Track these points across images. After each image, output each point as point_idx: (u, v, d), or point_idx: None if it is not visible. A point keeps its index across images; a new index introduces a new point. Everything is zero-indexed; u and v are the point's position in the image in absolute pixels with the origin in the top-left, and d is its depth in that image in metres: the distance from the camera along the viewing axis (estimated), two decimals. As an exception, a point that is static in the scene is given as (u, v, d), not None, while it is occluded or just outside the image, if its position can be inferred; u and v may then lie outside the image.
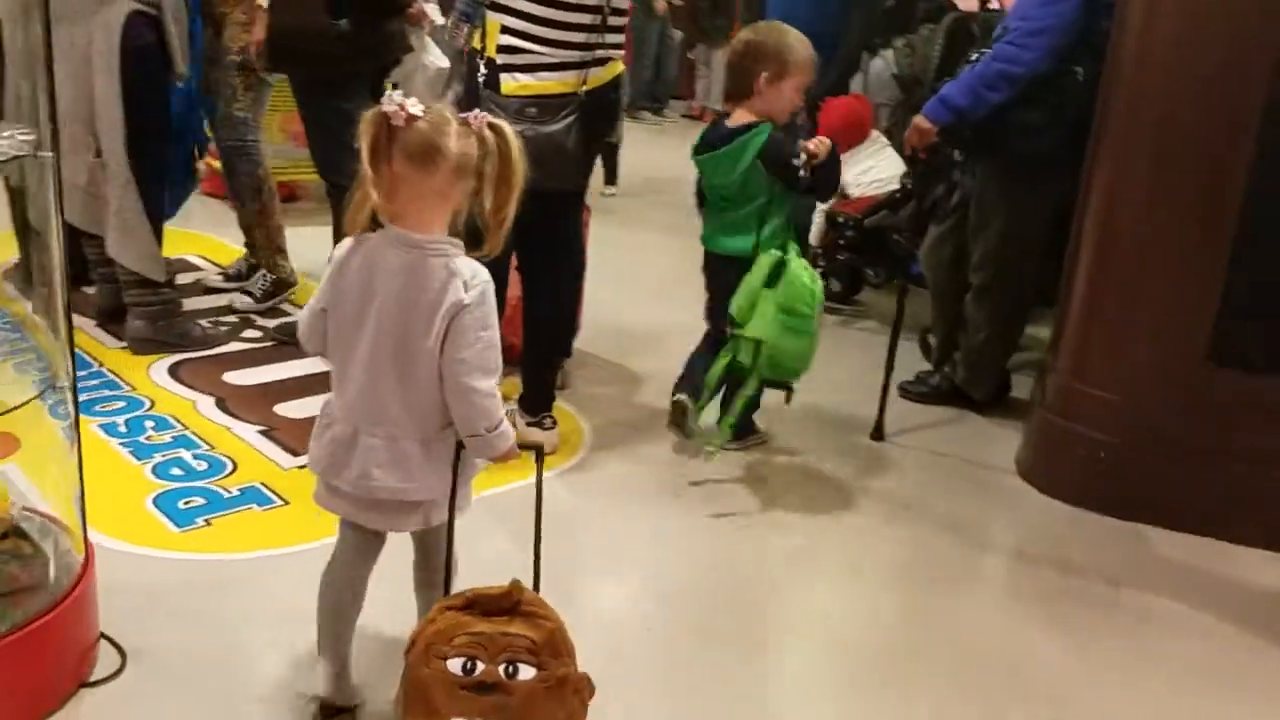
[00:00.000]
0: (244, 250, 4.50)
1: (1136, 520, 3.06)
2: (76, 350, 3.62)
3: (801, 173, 2.97)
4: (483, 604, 1.80)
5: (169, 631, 2.27)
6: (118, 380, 3.47)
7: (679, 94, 10.48)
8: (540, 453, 2.02)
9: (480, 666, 1.73)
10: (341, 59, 3.56)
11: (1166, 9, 2.89)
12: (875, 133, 4.71)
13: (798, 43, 3.14)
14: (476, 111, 2.00)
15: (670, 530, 2.91)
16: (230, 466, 2.98)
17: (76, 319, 3.89)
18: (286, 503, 2.82)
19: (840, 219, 4.57)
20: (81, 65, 3.45)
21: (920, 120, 3.36)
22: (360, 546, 2.05)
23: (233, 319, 4.08)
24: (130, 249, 3.58)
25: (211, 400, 3.38)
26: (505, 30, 2.80)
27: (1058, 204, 3.36)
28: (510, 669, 1.73)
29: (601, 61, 2.89)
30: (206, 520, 2.70)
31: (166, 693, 2.12)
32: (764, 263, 2.99)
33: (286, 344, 3.86)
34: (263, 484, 2.89)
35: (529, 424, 3.20)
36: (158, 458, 2.99)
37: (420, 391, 1.90)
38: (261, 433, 3.19)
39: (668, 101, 10.28)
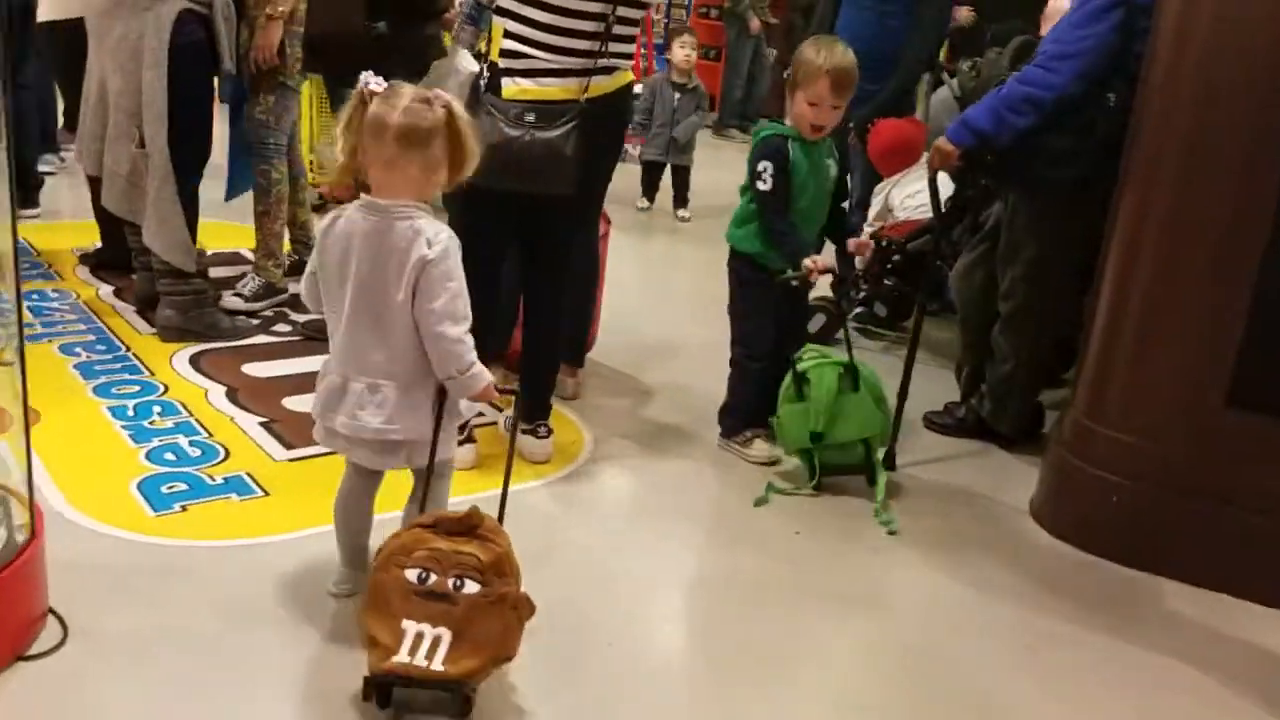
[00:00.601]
0: (287, 245, 4.60)
1: (1145, 569, 2.89)
2: (109, 335, 3.80)
3: (760, 186, 3.14)
4: (445, 525, 2.05)
5: (119, 612, 2.31)
6: (139, 365, 3.56)
7: (768, 113, 10.39)
8: (519, 398, 2.38)
9: (433, 578, 1.96)
10: (377, 62, 3.58)
11: (1196, 30, 2.73)
12: (927, 155, 4.57)
13: (816, 56, 3.11)
14: (436, 91, 2.19)
15: (651, 549, 2.85)
16: (222, 454, 3.02)
17: (117, 304, 4.08)
18: (267, 494, 2.84)
19: (884, 242, 4.45)
20: (131, 58, 3.56)
21: (942, 142, 3.25)
22: (360, 479, 2.36)
23: (267, 312, 4.15)
24: (163, 239, 3.68)
25: (223, 390, 3.44)
26: (508, 35, 2.80)
27: (1090, 233, 3.20)
28: (458, 582, 1.96)
29: (607, 71, 2.86)
30: (183, 506, 2.74)
31: (101, 672, 2.14)
32: (830, 376, 3.11)
33: (314, 339, 3.92)
34: (249, 474, 2.92)
35: (524, 431, 3.18)
36: (155, 442, 3.05)
37: (396, 341, 2.16)
38: (263, 424, 3.23)
39: (756, 120, 10.19)
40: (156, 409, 3.25)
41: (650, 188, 6.76)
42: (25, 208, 5.08)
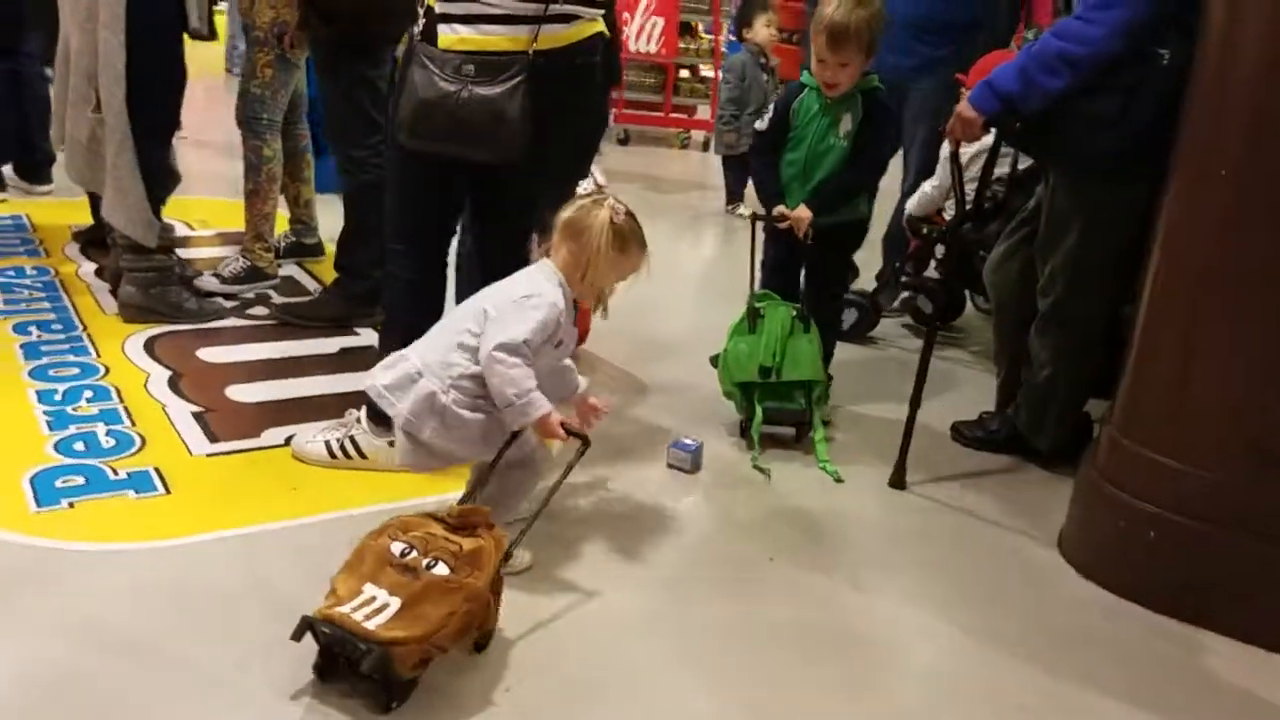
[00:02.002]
0: (288, 224, 4.34)
1: (1183, 619, 2.40)
2: (71, 314, 3.57)
3: (757, 125, 3.32)
4: (452, 518, 2.09)
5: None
6: (89, 347, 3.32)
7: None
8: (585, 443, 2.28)
9: (413, 554, 1.98)
10: (371, 21, 3.30)
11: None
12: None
13: (823, 9, 3.02)
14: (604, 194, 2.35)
15: (599, 568, 2.45)
16: (137, 445, 2.74)
17: (94, 283, 3.86)
18: (168, 493, 2.55)
19: (926, 230, 3.97)
20: (89, 17, 3.33)
21: (964, 108, 2.77)
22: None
23: (248, 294, 3.88)
24: (122, 211, 3.43)
25: (167, 375, 3.17)
26: None
27: (1141, 217, 2.70)
28: (431, 562, 1.96)
29: (563, 19, 2.47)
30: (71, 503, 2.45)
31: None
32: (785, 316, 3.11)
33: (291, 325, 3.65)
34: (157, 469, 2.63)
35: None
36: (72, 430, 2.78)
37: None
38: (195, 414, 2.95)
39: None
40: (88, 394, 2.99)
41: (739, 185, 5.95)
42: (39, 184, 4.94)
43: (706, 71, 8.29)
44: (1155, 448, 2.46)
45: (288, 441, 2.78)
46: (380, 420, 2.70)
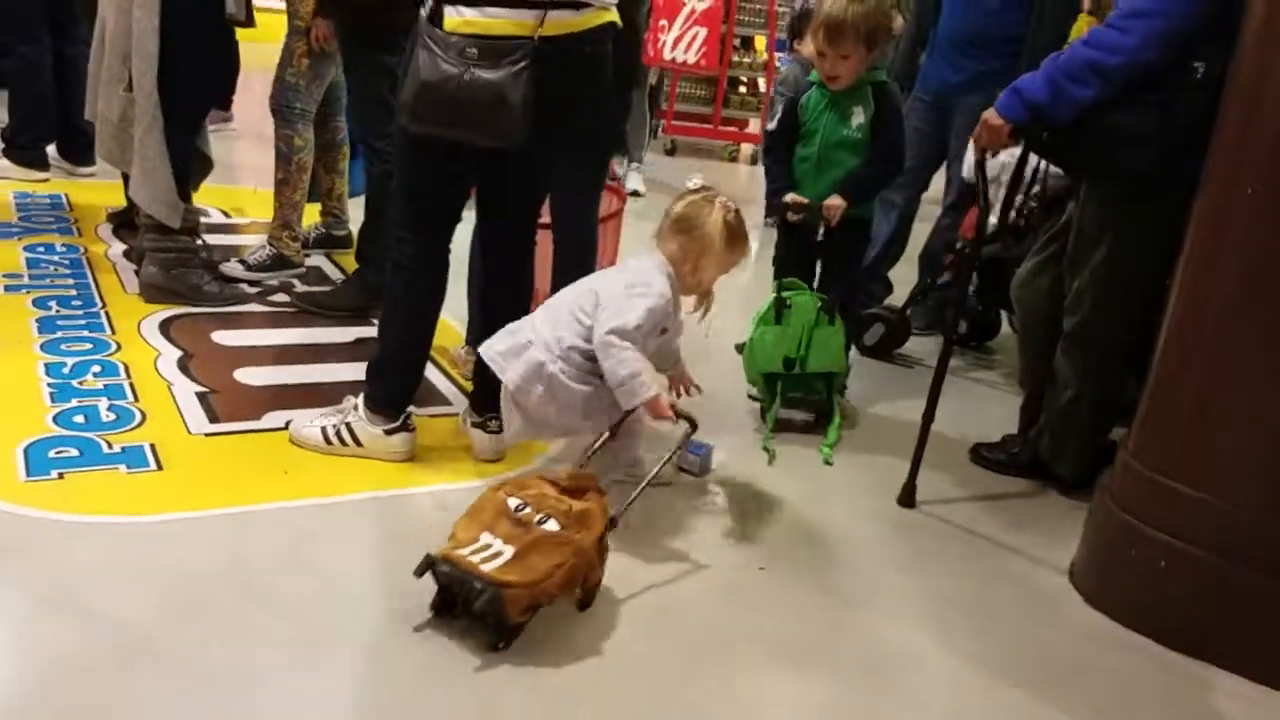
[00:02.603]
0: (319, 215, 4.35)
1: (1195, 656, 2.29)
2: (93, 292, 3.59)
3: (769, 124, 3.39)
4: (564, 480, 2.26)
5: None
6: (104, 323, 3.33)
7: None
8: (693, 425, 2.52)
9: (527, 510, 2.14)
10: (390, 9, 3.28)
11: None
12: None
13: (822, 4, 3.16)
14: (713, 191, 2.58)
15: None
16: (136, 421, 2.73)
17: (121, 263, 3.89)
18: (159, 469, 2.53)
19: (960, 244, 3.87)
20: (125, -3, 3.35)
21: (990, 115, 2.68)
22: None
23: (272, 281, 3.89)
24: (147, 191, 3.45)
25: (178, 355, 3.16)
26: None
27: (1173, 236, 2.58)
28: (543, 518, 2.12)
29: (574, 5, 2.42)
30: (61, 474, 2.45)
31: None
32: (809, 305, 3.15)
33: (310, 313, 3.64)
34: (152, 445, 2.62)
35: (474, 424, 2.79)
36: (74, 403, 2.78)
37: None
38: (200, 394, 2.94)
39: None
40: (95, 369, 3.00)
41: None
42: (83, 165, 5.00)
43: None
44: (1170, 474, 2.35)
45: (287, 425, 2.76)
46: (378, 408, 2.67)
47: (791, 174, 3.23)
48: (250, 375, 3.10)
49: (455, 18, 2.37)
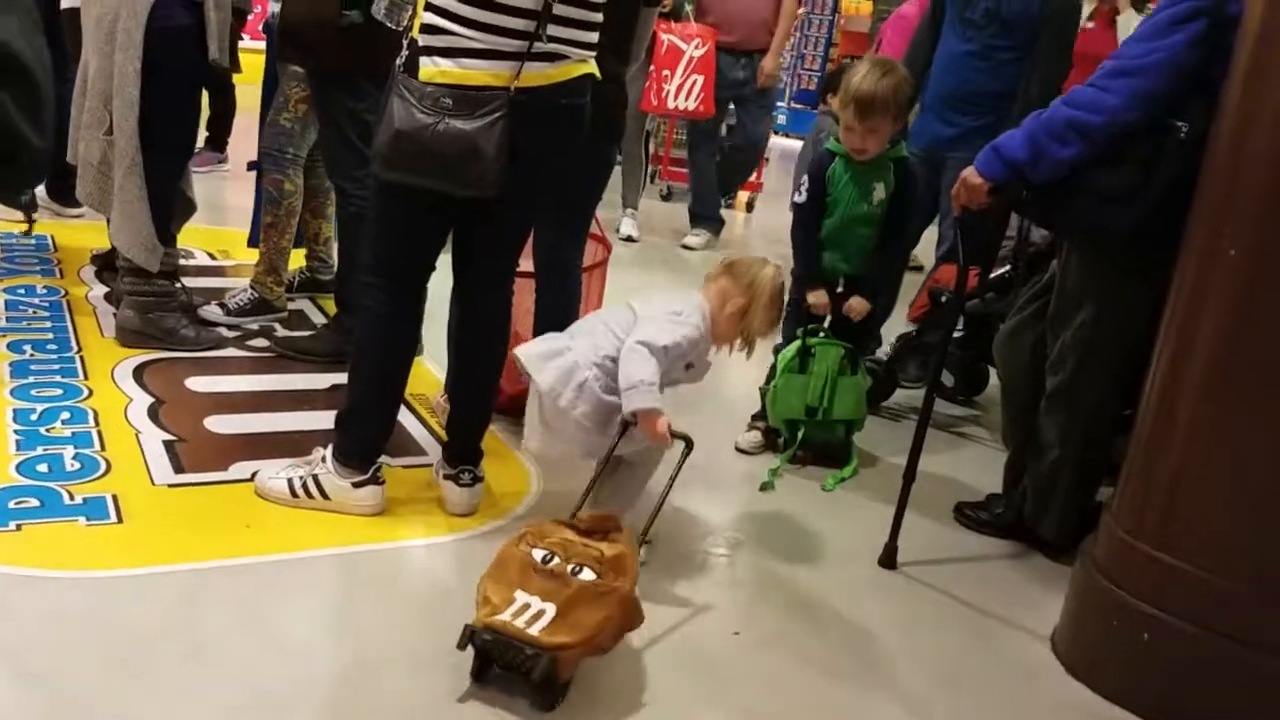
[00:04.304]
0: (305, 260, 4.32)
1: (1177, 734, 2.22)
2: (70, 335, 3.55)
3: (795, 198, 3.41)
4: (584, 524, 2.21)
5: None
6: (78, 368, 3.28)
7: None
8: (689, 444, 2.45)
9: (555, 560, 2.08)
10: (349, 54, 3.26)
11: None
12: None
13: (851, 79, 3.19)
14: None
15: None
16: (100, 471, 2.68)
17: (101, 306, 3.85)
18: (119, 521, 2.48)
19: (945, 297, 3.83)
20: (107, 40, 3.34)
21: (970, 173, 2.65)
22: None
23: (252, 325, 3.85)
24: (126, 234, 3.42)
25: (148, 403, 3.11)
26: (429, 7, 2.35)
27: (1159, 296, 2.53)
28: (576, 568, 2.06)
29: (549, 58, 2.39)
30: (18, 525, 2.39)
31: None
32: (832, 355, 3.28)
33: (289, 358, 3.60)
34: (114, 496, 2.57)
35: (446, 476, 2.73)
36: (39, 450, 2.73)
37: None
38: (167, 443, 2.89)
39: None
40: (65, 415, 2.95)
41: None
42: (70, 206, 4.97)
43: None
44: (1154, 544, 2.28)
45: (253, 477, 2.70)
46: (346, 460, 2.61)
47: (818, 257, 3.36)
48: (221, 423, 3.05)
49: (431, 68, 2.34)
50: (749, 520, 2.95)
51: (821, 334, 3.33)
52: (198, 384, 3.31)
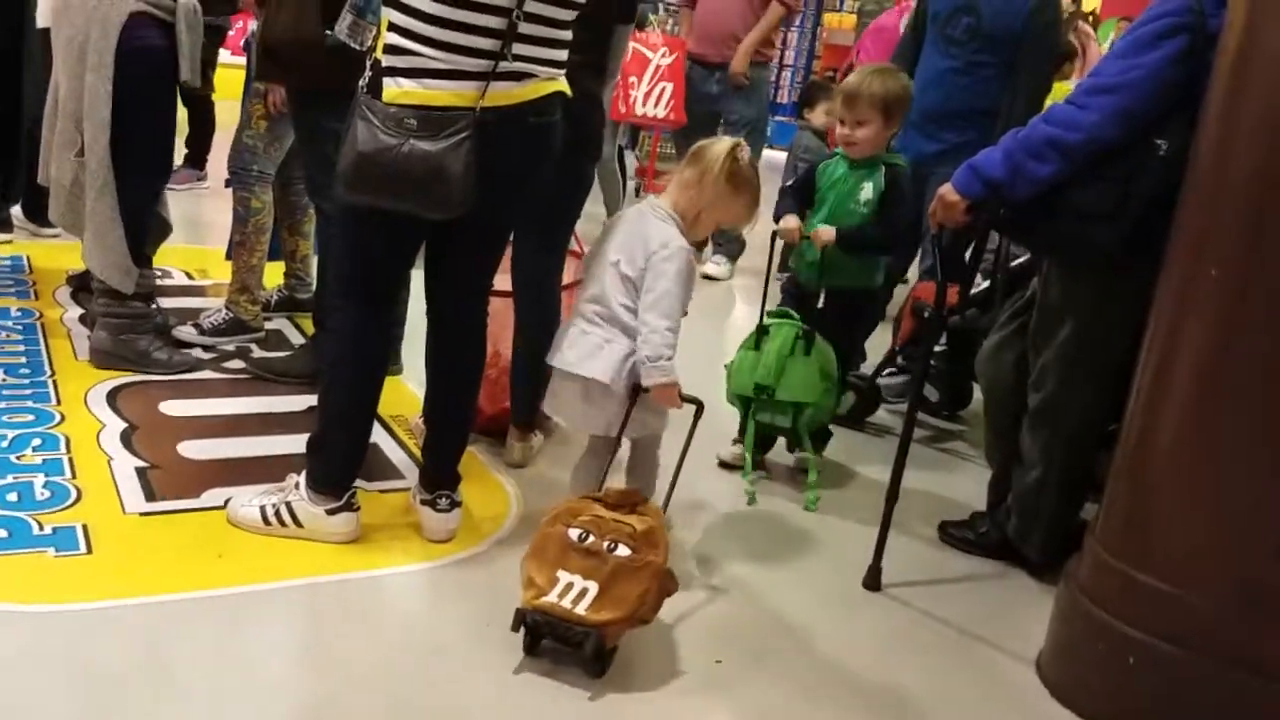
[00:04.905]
0: (283, 278, 4.28)
1: (1164, 759, 2.19)
2: (43, 358, 3.50)
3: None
4: (611, 498, 2.32)
5: None
6: (50, 393, 3.23)
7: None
8: (699, 408, 2.55)
9: (591, 538, 2.21)
10: (331, 73, 3.22)
11: (1262, 58, 2.08)
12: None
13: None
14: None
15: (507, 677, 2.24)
16: (71, 499, 2.63)
17: (76, 329, 3.80)
18: (89, 552, 2.43)
19: (927, 313, 3.80)
20: (78, 61, 3.31)
21: (947, 191, 2.63)
22: (590, 457, 2.70)
23: (228, 346, 3.80)
24: (99, 256, 3.38)
25: (121, 428, 3.07)
26: (392, 27, 2.32)
27: (1141, 312, 2.50)
28: (612, 545, 2.20)
29: (515, 77, 2.35)
30: (-15, 557, 2.35)
31: None
32: (788, 334, 3.20)
33: (264, 379, 3.56)
34: (85, 526, 2.52)
35: (423, 502, 2.69)
36: (9, 479, 2.68)
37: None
38: (140, 470, 2.84)
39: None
40: (36, 441, 2.90)
41: None
42: (48, 226, 4.92)
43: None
44: (1140, 567, 2.26)
45: (226, 504, 2.66)
46: (319, 487, 2.57)
47: (799, 209, 3.36)
48: (194, 448, 3.01)
49: (394, 89, 2.31)
50: (731, 541, 2.91)
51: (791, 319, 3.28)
52: (172, 408, 3.27)
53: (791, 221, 3.29)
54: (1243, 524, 2.12)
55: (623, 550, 2.18)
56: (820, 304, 3.34)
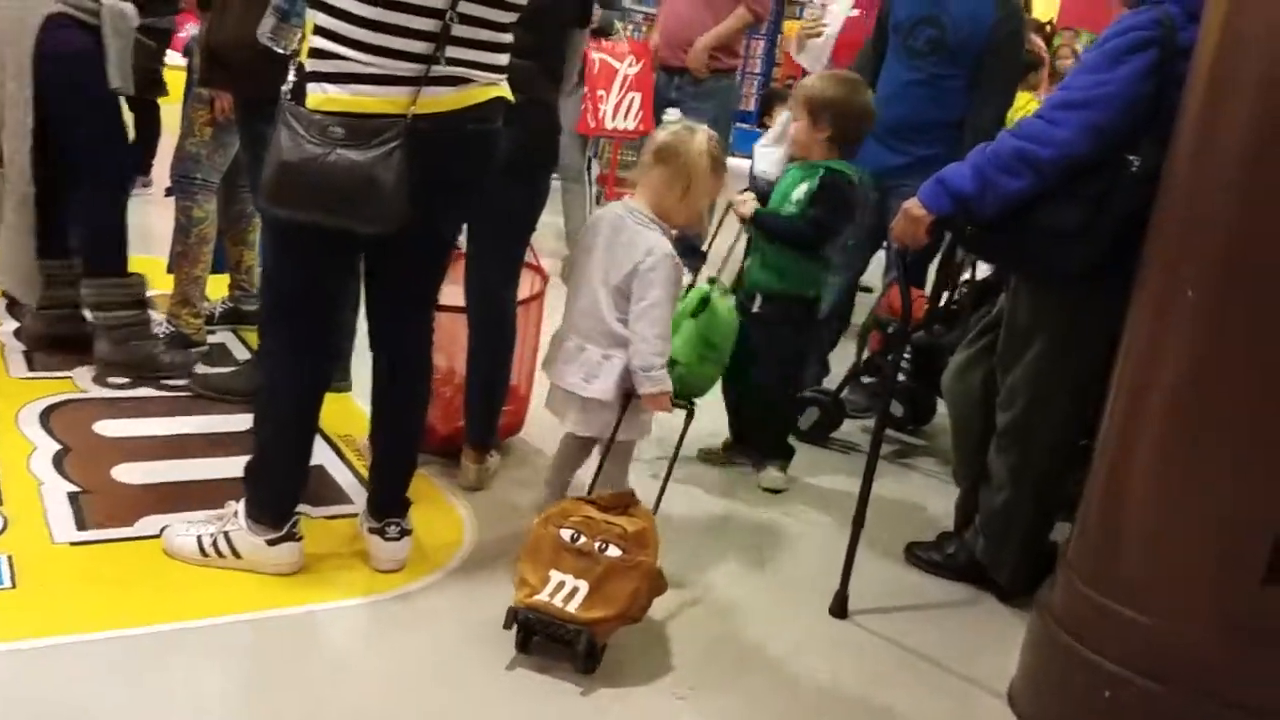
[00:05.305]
0: (228, 289, 4.13)
1: (1142, 798, 2.11)
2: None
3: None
4: (603, 500, 2.36)
5: None
6: (-21, 414, 3.08)
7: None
8: (690, 412, 2.65)
9: (582, 539, 2.26)
10: (278, 80, 3.09)
11: (1241, 75, 2.01)
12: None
13: None
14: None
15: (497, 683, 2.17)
16: (-2, 529, 2.49)
17: (10, 344, 3.62)
18: (13, 586, 2.29)
19: (891, 328, 3.73)
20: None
21: (912, 205, 2.55)
22: (568, 449, 2.75)
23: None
24: (6, 266, 3.28)
25: (54, 450, 2.92)
26: (318, 30, 2.18)
27: (1113, 329, 2.42)
28: (603, 545, 2.25)
29: (452, 81, 2.22)
30: (-98, 595, 2.20)
31: None
32: (693, 295, 3.08)
33: (206, 398, 3.41)
34: (10, 557, 2.37)
35: (371, 530, 2.56)
36: (-69, 508, 2.54)
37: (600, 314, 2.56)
38: (72, 495, 2.69)
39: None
40: (-39, 467, 2.75)
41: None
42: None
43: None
44: (1116, 597, 2.18)
45: (162, 532, 2.52)
46: (259, 516, 2.44)
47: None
48: (129, 472, 2.86)
49: (320, 95, 2.16)
50: (694, 567, 2.80)
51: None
52: (108, 428, 3.12)
53: (748, 197, 3.34)
54: (1225, 551, 2.06)
55: (614, 550, 2.23)
56: (756, 308, 3.28)
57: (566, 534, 2.26)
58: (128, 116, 3.91)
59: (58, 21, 3.11)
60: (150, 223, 5.39)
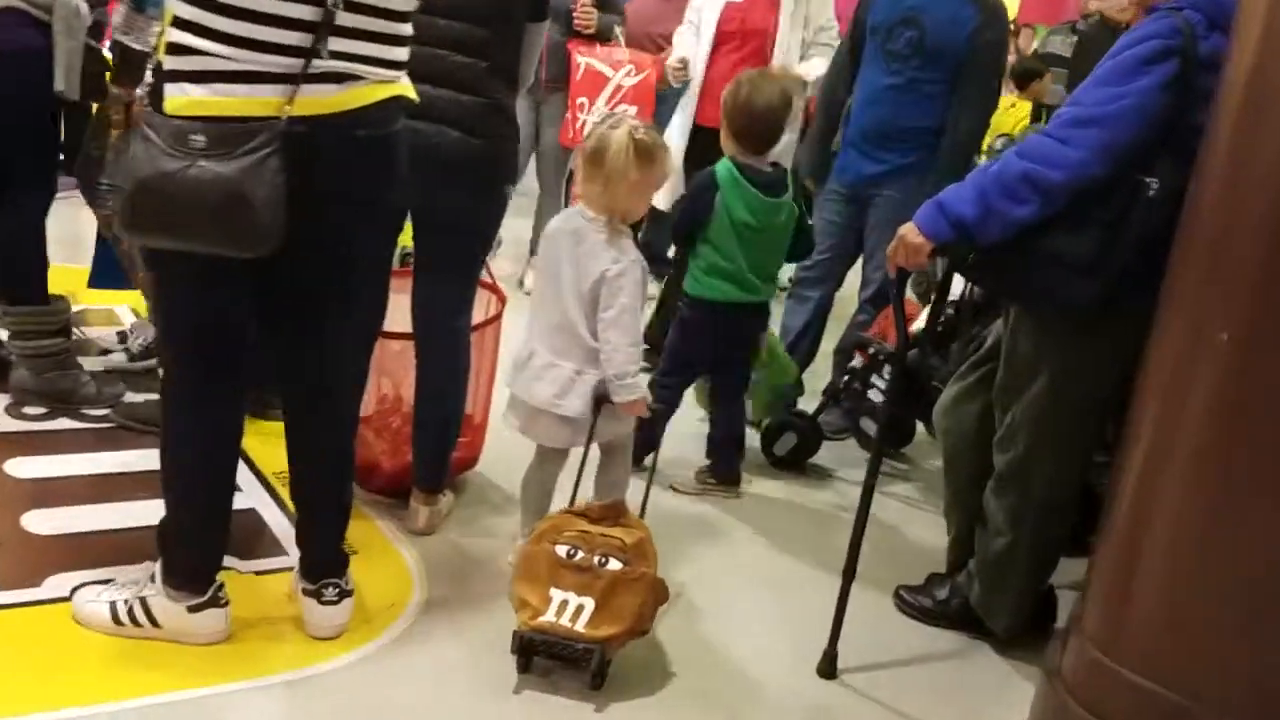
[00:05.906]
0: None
1: None
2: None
3: None
4: (594, 512, 2.30)
5: None
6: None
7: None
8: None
9: (580, 554, 2.21)
10: None
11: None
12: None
13: None
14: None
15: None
16: (-118, 594, 2.20)
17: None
18: (-105, 660, 2.01)
19: (873, 349, 3.52)
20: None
21: (909, 231, 2.32)
22: (543, 461, 2.63)
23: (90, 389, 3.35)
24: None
25: (-43, 496, 2.63)
26: (176, 21, 1.89)
27: (1125, 361, 2.20)
28: (603, 559, 2.20)
29: (336, 78, 1.94)
30: None
31: None
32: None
33: (129, 430, 3.12)
34: (-106, 628, 2.10)
35: (305, 592, 2.29)
36: None
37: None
38: (-24, 550, 2.41)
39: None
40: None
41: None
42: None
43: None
44: (1135, 667, 1.97)
45: (72, 595, 2.25)
46: (177, 582, 2.16)
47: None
48: (41, 520, 2.57)
49: (179, 97, 1.87)
50: (674, 616, 2.56)
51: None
52: (19, 468, 2.82)
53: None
54: (1259, 624, 1.85)
55: (614, 564, 2.19)
56: None
57: (563, 550, 2.22)
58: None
59: (8, 16, 2.86)
60: (80, 229, 5.07)
